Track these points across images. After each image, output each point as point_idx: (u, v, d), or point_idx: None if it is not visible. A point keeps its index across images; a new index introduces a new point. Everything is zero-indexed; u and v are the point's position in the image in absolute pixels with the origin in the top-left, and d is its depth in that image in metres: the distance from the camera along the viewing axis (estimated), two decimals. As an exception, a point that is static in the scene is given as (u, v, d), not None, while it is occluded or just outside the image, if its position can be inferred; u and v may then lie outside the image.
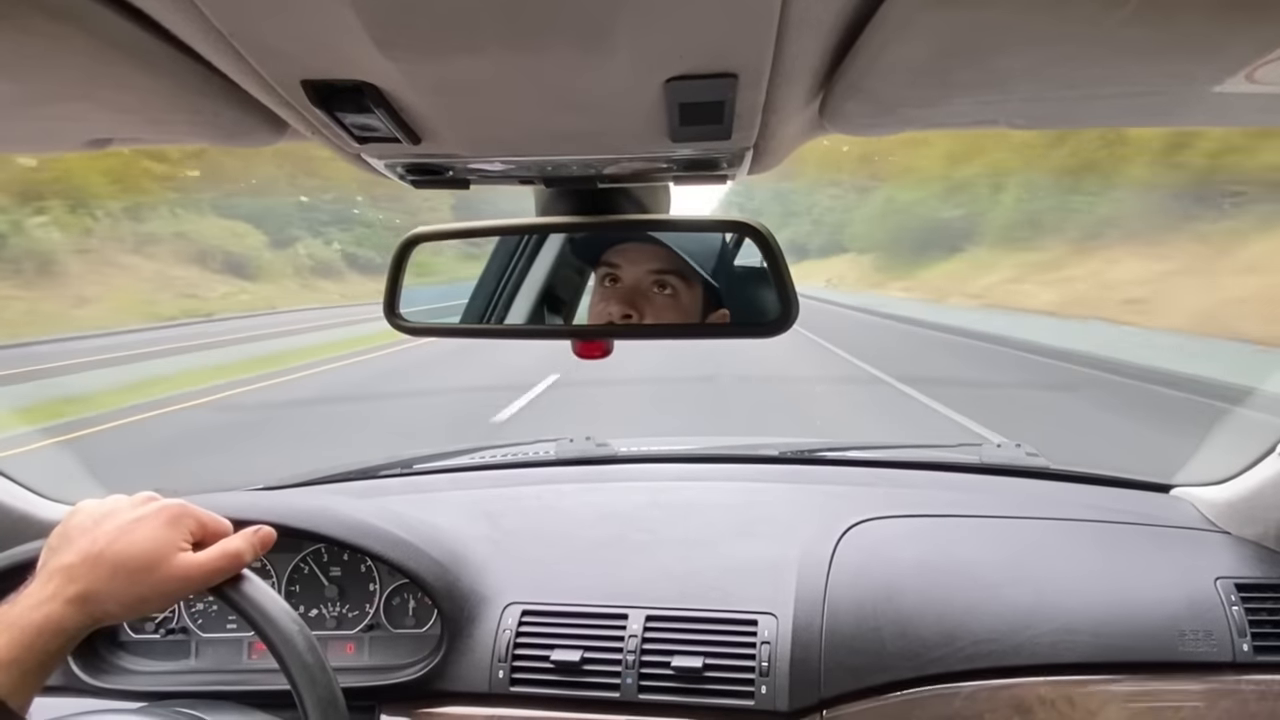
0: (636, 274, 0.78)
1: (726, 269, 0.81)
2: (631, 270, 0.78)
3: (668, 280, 0.78)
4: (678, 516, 1.17)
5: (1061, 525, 1.11)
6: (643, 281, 0.78)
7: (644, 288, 0.78)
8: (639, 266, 0.78)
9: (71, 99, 0.50)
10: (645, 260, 0.78)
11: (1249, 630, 0.95)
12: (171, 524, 0.66)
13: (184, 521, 0.67)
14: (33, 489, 1.17)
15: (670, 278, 0.78)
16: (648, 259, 0.78)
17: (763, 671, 0.93)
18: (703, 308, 0.79)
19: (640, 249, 0.78)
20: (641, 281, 0.78)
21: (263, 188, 24.38)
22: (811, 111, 0.56)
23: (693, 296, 0.79)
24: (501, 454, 1.46)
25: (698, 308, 0.79)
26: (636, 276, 0.78)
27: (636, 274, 0.78)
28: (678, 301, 0.78)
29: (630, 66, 0.44)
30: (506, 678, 0.97)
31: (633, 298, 0.78)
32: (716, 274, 0.80)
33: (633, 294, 0.78)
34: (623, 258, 0.78)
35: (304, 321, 16.54)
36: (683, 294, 0.78)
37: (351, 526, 1.04)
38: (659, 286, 0.78)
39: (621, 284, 0.78)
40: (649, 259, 0.78)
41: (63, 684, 1.01)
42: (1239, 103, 0.49)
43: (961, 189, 23.86)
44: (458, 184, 0.68)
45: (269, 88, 0.47)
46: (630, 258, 0.78)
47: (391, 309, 0.79)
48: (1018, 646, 0.93)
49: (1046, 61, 0.44)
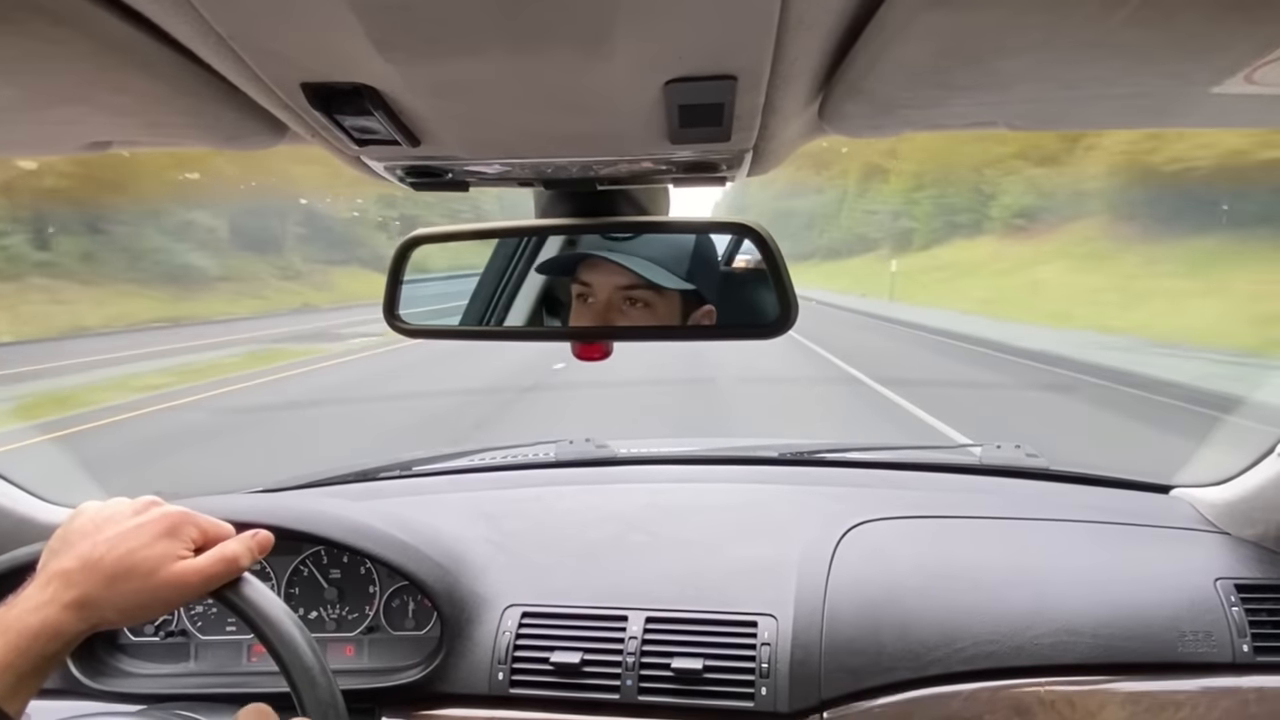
0: (606, 292, 0.79)
1: (706, 267, 0.81)
2: (602, 289, 0.79)
3: (637, 295, 0.79)
4: (677, 518, 1.17)
5: (1061, 526, 1.11)
6: (614, 299, 0.79)
7: (616, 304, 0.79)
8: (607, 285, 0.79)
9: (71, 102, 0.50)
10: (612, 277, 0.79)
11: (1249, 631, 0.95)
12: (172, 532, 0.65)
13: (185, 530, 0.66)
14: (32, 491, 1.17)
15: (639, 292, 0.79)
16: (614, 276, 0.79)
17: (763, 673, 0.93)
18: (683, 310, 0.80)
19: (606, 266, 0.79)
20: (613, 299, 0.79)
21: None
22: (811, 113, 0.56)
23: (668, 304, 0.79)
24: (501, 456, 1.46)
25: (676, 312, 0.79)
26: (607, 294, 0.79)
27: (606, 292, 0.79)
28: (653, 312, 0.79)
29: (630, 69, 0.44)
30: (506, 680, 0.97)
31: (606, 315, 0.79)
32: (693, 275, 0.80)
33: (606, 311, 0.79)
34: (592, 276, 0.79)
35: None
36: (657, 304, 0.79)
37: (351, 528, 1.04)
38: (630, 302, 0.79)
39: (595, 301, 0.79)
40: (616, 276, 0.79)
41: (61, 686, 1.01)
42: (1238, 104, 0.50)
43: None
44: (457, 186, 0.68)
45: (268, 90, 0.47)
46: (598, 277, 0.79)
47: (391, 310, 0.79)
48: (1018, 647, 0.93)
49: (1045, 63, 0.44)
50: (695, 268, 0.80)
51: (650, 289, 0.78)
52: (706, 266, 0.81)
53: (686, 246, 0.81)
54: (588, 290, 0.79)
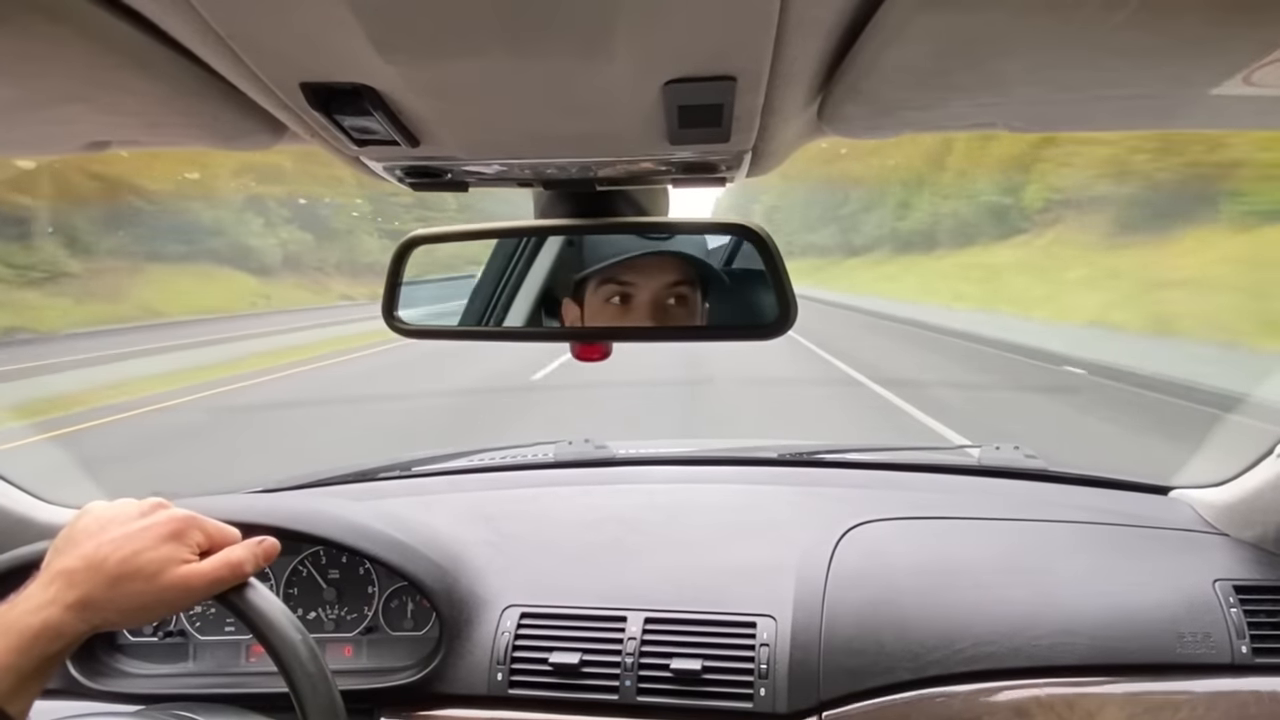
0: (654, 290, 0.75)
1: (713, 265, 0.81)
2: (648, 286, 0.75)
3: (683, 291, 0.75)
4: (676, 519, 1.17)
5: (1060, 527, 1.11)
6: (661, 297, 0.75)
7: (662, 303, 0.75)
8: (656, 281, 0.75)
9: (69, 102, 0.50)
10: (662, 273, 0.75)
11: (1248, 632, 0.95)
12: (178, 536, 0.65)
13: (191, 534, 0.66)
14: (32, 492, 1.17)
15: (685, 288, 0.75)
16: (665, 272, 0.75)
17: (761, 674, 0.93)
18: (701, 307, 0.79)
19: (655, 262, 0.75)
20: (660, 297, 0.75)
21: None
22: (810, 114, 0.56)
23: (696, 300, 0.78)
24: (500, 456, 1.46)
25: (701, 309, 0.78)
26: (655, 292, 0.75)
27: (654, 290, 0.75)
28: (689, 309, 0.76)
29: (629, 69, 0.44)
30: (505, 680, 0.97)
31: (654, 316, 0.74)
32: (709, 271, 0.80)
33: (653, 312, 0.74)
34: (637, 274, 0.75)
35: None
36: (691, 300, 0.77)
37: (350, 529, 1.04)
38: (676, 297, 0.75)
39: (637, 301, 0.75)
40: (666, 271, 0.75)
41: (60, 687, 1.01)
42: (1237, 106, 0.50)
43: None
44: (456, 186, 0.68)
45: (267, 90, 0.47)
46: (646, 273, 0.75)
47: (390, 311, 0.78)
48: (1017, 649, 0.93)
49: (1045, 64, 0.44)
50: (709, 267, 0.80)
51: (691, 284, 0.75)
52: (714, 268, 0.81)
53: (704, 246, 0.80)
54: (629, 288, 0.75)
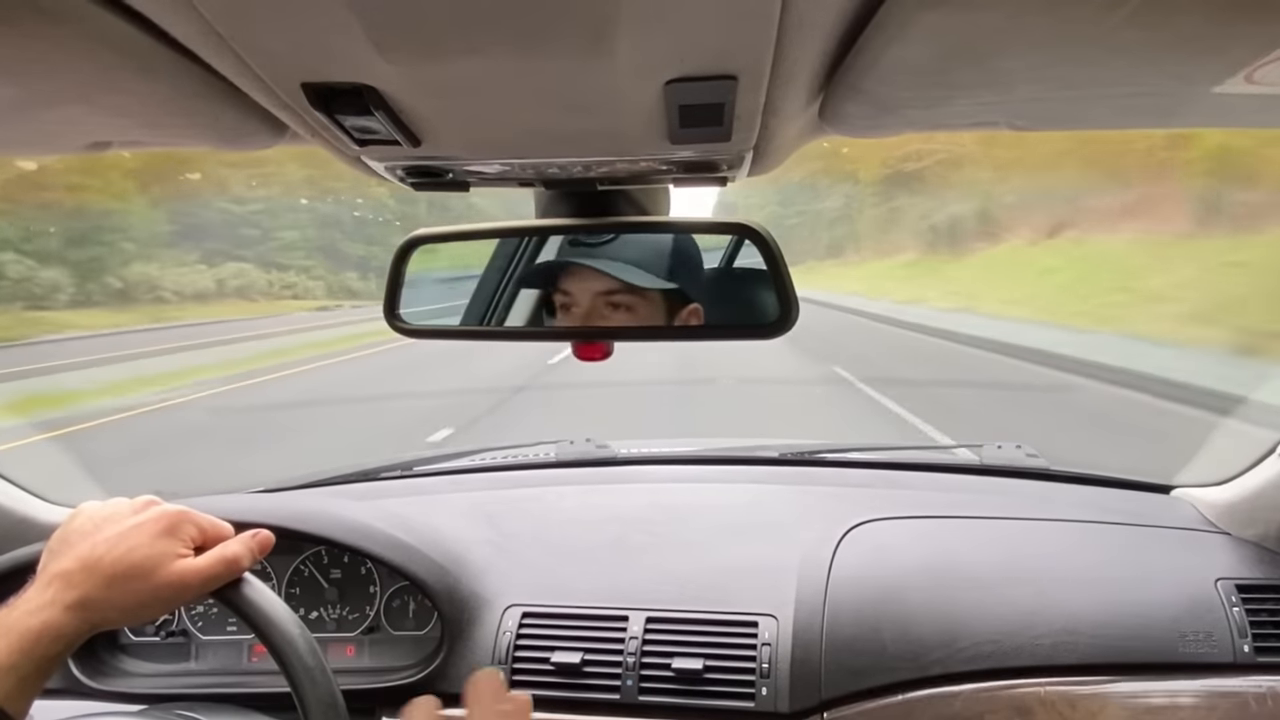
0: (587, 299, 0.79)
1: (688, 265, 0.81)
2: (582, 296, 0.79)
3: (619, 300, 0.78)
4: (678, 518, 1.17)
5: (1062, 526, 1.11)
6: (595, 305, 0.79)
7: (598, 310, 0.79)
8: (587, 292, 0.79)
9: (70, 102, 0.50)
10: (590, 284, 0.78)
11: (1250, 631, 0.94)
12: (171, 531, 0.65)
13: (184, 528, 0.66)
14: (34, 492, 1.17)
15: (619, 297, 0.78)
16: (592, 282, 0.78)
17: (763, 673, 0.93)
18: (667, 310, 0.79)
19: (583, 274, 0.79)
20: (594, 305, 0.79)
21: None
22: (812, 113, 0.56)
23: (651, 305, 0.79)
24: (502, 456, 1.46)
25: (661, 313, 0.79)
26: (588, 301, 0.79)
27: (587, 299, 0.79)
28: (636, 314, 0.79)
29: (630, 68, 0.44)
30: (506, 680, 0.97)
31: (589, 321, 0.79)
32: (674, 273, 0.80)
33: (588, 318, 0.79)
34: (572, 284, 0.79)
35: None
36: (639, 307, 0.79)
37: (351, 528, 1.04)
38: (611, 307, 0.79)
39: (578, 309, 0.79)
40: (594, 282, 0.78)
41: (62, 686, 1.01)
42: (1238, 104, 0.50)
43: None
44: (458, 186, 0.68)
45: (268, 91, 0.47)
46: (576, 285, 0.79)
47: (391, 311, 0.78)
48: (1018, 648, 0.93)
49: (1046, 63, 0.44)
50: (676, 266, 0.80)
51: (631, 292, 0.78)
52: (689, 265, 0.80)
53: (665, 246, 0.81)
54: (569, 299, 0.80)
